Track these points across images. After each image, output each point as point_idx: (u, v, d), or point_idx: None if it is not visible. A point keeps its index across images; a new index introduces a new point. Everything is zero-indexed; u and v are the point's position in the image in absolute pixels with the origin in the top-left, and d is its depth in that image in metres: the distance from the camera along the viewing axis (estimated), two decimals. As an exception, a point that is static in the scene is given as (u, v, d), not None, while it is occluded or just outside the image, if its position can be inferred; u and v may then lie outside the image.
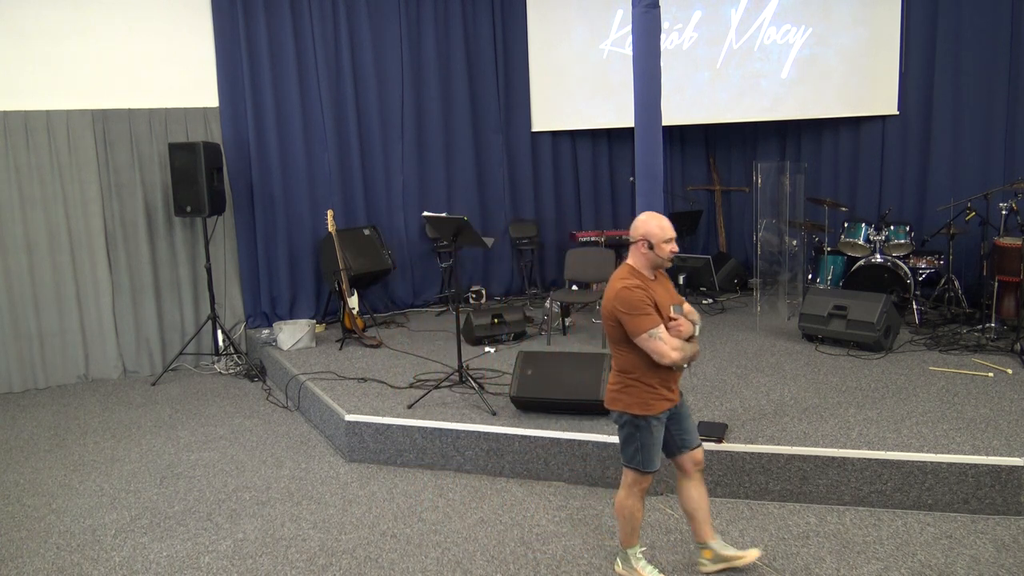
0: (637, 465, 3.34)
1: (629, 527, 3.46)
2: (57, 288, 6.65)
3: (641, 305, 3.16)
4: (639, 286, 3.20)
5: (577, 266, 6.91)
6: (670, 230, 3.25)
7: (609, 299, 3.25)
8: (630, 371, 3.29)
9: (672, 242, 3.25)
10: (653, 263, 3.28)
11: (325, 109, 7.42)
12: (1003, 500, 3.91)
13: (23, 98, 6.42)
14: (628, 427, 3.34)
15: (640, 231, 3.26)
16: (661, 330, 3.17)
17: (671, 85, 7.00)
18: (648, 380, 3.27)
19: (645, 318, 3.15)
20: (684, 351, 3.21)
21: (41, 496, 4.61)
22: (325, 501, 4.42)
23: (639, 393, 3.28)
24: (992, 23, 6.87)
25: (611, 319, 3.26)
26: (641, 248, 3.26)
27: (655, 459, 3.35)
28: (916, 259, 6.83)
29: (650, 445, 3.32)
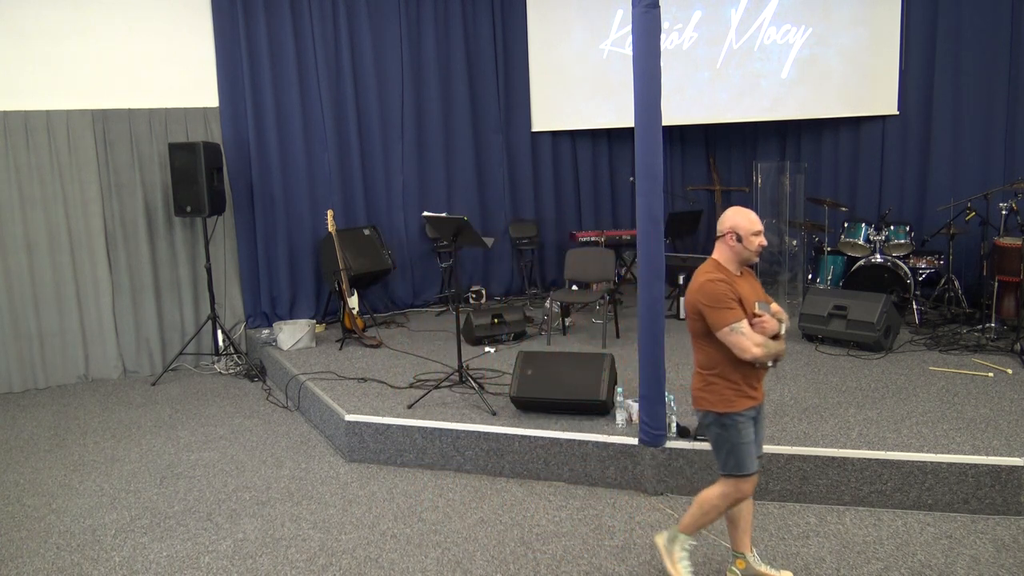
0: (732, 470, 3.19)
1: (699, 520, 3.31)
2: (57, 288, 6.65)
3: (724, 299, 3.08)
4: (723, 280, 3.13)
5: (577, 266, 6.91)
6: (758, 222, 3.19)
7: (693, 292, 3.17)
8: (712, 368, 3.20)
9: (760, 235, 3.18)
10: (741, 257, 3.19)
11: (325, 109, 7.42)
12: (1003, 500, 3.91)
13: (23, 98, 6.42)
14: (715, 427, 3.23)
15: (728, 224, 3.19)
16: (744, 324, 3.08)
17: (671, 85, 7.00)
18: (731, 376, 3.17)
19: (728, 312, 3.07)
20: (767, 348, 3.10)
21: (41, 496, 4.61)
22: (325, 501, 4.42)
23: (722, 390, 3.18)
24: (992, 23, 6.87)
25: (694, 313, 3.17)
26: (729, 241, 3.17)
27: (749, 460, 3.19)
28: (916, 259, 6.83)
29: (741, 445, 3.18)
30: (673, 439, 4.35)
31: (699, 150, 9.17)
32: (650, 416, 4.24)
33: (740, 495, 3.24)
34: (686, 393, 5.09)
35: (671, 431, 4.38)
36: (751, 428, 3.22)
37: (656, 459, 4.29)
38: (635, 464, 4.35)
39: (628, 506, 4.21)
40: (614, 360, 4.97)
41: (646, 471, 4.32)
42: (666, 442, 4.30)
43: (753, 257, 3.21)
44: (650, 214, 4.07)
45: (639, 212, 4.12)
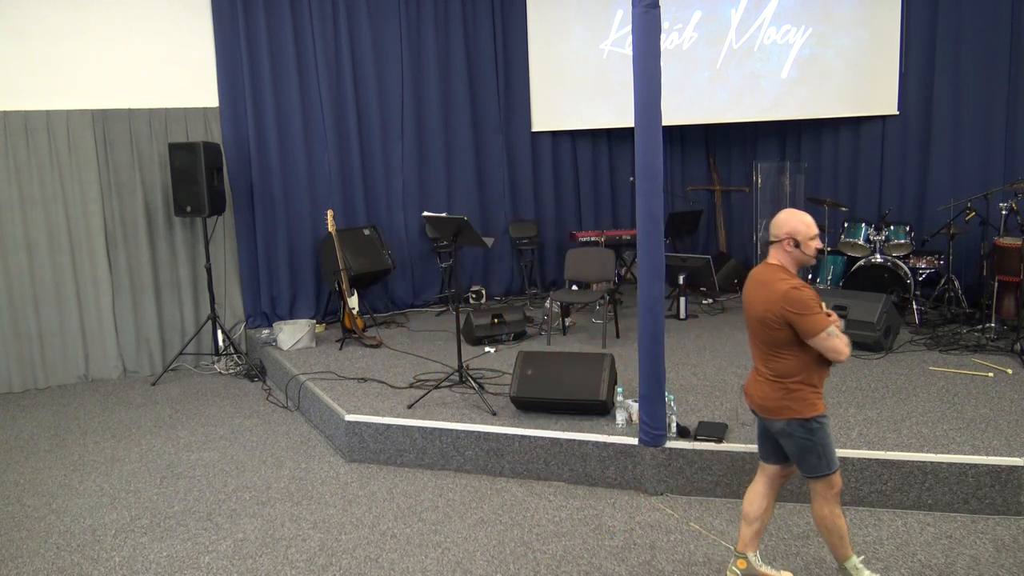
0: (824, 470, 3.17)
1: (836, 537, 3.26)
2: (57, 288, 6.65)
3: (813, 305, 3.05)
4: (805, 286, 3.11)
5: (577, 266, 6.91)
6: (814, 226, 3.17)
7: (774, 302, 3.08)
8: (793, 375, 3.14)
9: (817, 239, 3.16)
10: (799, 261, 3.16)
11: (325, 109, 7.42)
12: (1003, 500, 3.91)
13: (23, 98, 6.42)
14: (801, 433, 3.16)
15: (784, 229, 3.15)
16: (835, 328, 3.07)
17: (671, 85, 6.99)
18: (812, 381, 3.15)
19: (821, 317, 3.05)
20: (849, 351, 3.10)
21: (41, 496, 4.61)
22: (325, 501, 4.42)
23: (805, 395, 3.14)
24: (992, 23, 6.87)
25: (777, 322, 3.10)
26: (787, 246, 3.14)
27: (834, 459, 3.20)
28: (916, 259, 6.83)
29: (828, 444, 3.18)
30: (673, 439, 4.35)
31: (699, 150, 9.16)
32: (650, 416, 4.24)
33: (835, 490, 3.22)
34: (686, 393, 5.11)
35: (671, 431, 4.39)
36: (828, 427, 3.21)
37: (656, 459, 4.29)
38: (635, 464, 4.35)
39: (628, 506, 4.21)
40: (614, 360, 4.97)
41: (646, 471, 4.32)
42: (666, 442, 4.30)
43: (811, 261, 3.19)
44: (650, 214, 4.07)
45: (639, 212, 4.12)
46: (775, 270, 3.18)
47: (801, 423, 3.15)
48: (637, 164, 4.08)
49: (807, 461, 3.20)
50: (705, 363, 5.85)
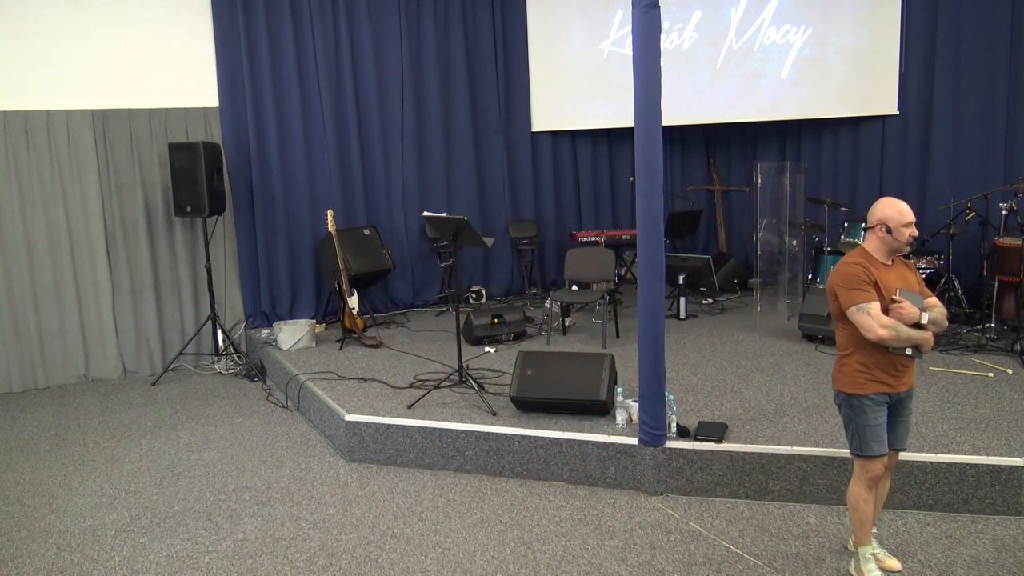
0: (857, 450, 3.31)
1: (858, 520, 3.39)
2: (57, 288, 6.65)
3: (857, 280, 3.20)
4: (860, 264, 3.25)
5: (577, 266, 6.91)
6: (908, 214, 3.26)
7: (832, 276, 3.31)
8: (845, 348, 3.31)
9: (911, 226, 3.25)
10: (891, 247, 3.28)
11: (325, 109, 7.42)
12: (1003, 500, 3.91)
13: (23, 98, 6.42)
14: (844, 407, 3.35)
15: (877, 215, 3.29)
16: (872, 306, 3.17)
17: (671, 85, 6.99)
18: (862, 359, 3.26)
19: (858, 292, 3.19)
20: (896, 332, 3.16)
21: (41, 496, 4.61)
22: (325, 501, 4.42)
23: (851, 372, 3.29)
24: (992, 23, 6.87)
25: (831, 294, 3.32)
26: (879, 232, 3.27)
27: (872, 443, 3.27)
28: (916, 259, 6.81)
29: (865, 427, 3.27)
30: (673, 439, 4.35)
31: (699, 150, 9.16)
32: (650, 416, 4.24)
33: (869, 475, 3.31)
34: (686, 393, 5.11)
35: (671, 431, 4.39)
36: (880, 412, 3.28)
37: (656, 459, 4.29)
38: (635, 464, 4.35)
39: (628, 506, 4.21)
40: (614, 360, 4.98)
41: (646, 471, 4.32)
42: (666, 442, 4.30)
43: (904, 248, 3.30)
44: (650, 214, 4.07)
45: (639, 212, 4.12)
46: (856, 251, 3.34)
47: (845, 397, 3.32)
48: (637, 164, 4.08)
49: (847, 434, 3.37)
50: (705, 363, 5.85)
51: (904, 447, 3.44)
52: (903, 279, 3.32)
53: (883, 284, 3.23)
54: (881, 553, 3.52)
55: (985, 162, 7.03)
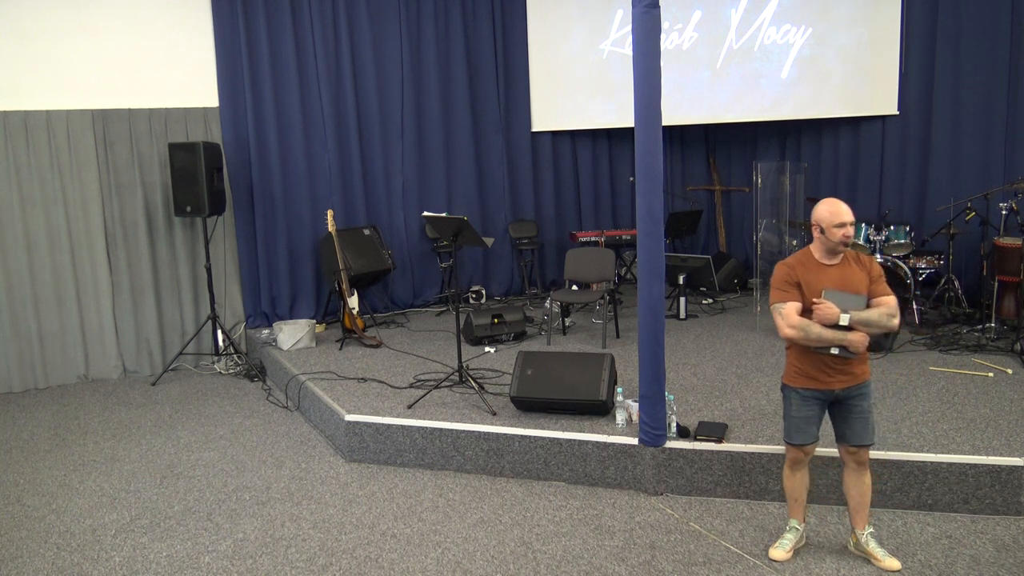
0: (783, 436, 3.55)
1: (789, 497, 3.66)
2: (57, 288, 6.65)
3: (779, 280, 3.40)
4: (788, 264, 3.42)
5: (577, 266, 6.91)
6: (841, 215, 3.32)
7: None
8: (787, 343, 3.48)
9: (845, 226, 3.31)
10: (827, 247, 3.37)
11: (325, 109, 7.42)
12: (1003, 500, 3.91)
13: (23, 98, 6.42)
14: (782, 395, 3.57)
15: (814, 216, 3.38)
16: (786, 306, 3.34)
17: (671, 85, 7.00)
18: (795, 354, 3.46)
19: (777, 292, 3.39)
20: (806, 333, 3.30)
21: (41, 496, 4.61)
22: (325, 501, 4.42)
23: (787, 364, 3.51)
24: (992, 23, 6.87)
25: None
26: (815, 232, 3.40)
27: (792, 432, 3.49)
28: (916, 259, 6.82)
29: (789, 417, 3.50)
30: (673, 439, 4.35)
31: (699, 150, 9.16)
32: (650, 416, 4.24)
33: (788, 459, 3.57)
34: (686, 393, 5.11)
35: (671, 431, 4.38)
36: (806, 406, 3.45)
37: (656, 459, 4.29)
38: (635, 464, 4.35)
39: (628, 506, 4.21)
40: (614, 360, 4.97)
41: (646, 471, 4.32)
42: (666, 442, 4.30)
43: (838, 248, 3.35)
44: (650, 214, 4.07)
45: (639, 212, 4.12)
46: (801, 252, 3.48)
47: (782, 386, 3.57)
48: (637, 164, 4.08)
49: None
50: (705, 363, 5.85)
51: (864, 443, 3.45)
52: (844, 279, 3.34)
53: (808, 285, 3.34)
54: (880, 553, 3.54)
55: (985, 162, 7.03)
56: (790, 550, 3.63)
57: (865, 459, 3.49)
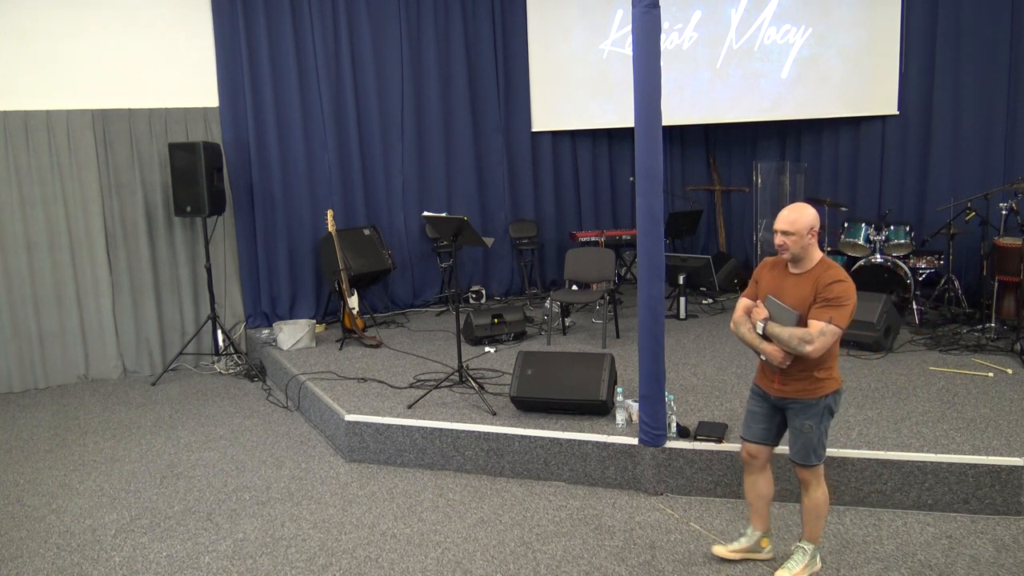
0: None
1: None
2: (57, 288, 6.65)
3: (750, 280, 3.50)
4: (765, 261, 3.47)
5: (577, 266, 6.91)
6: (777, 222, 3.28)
7: None
8: None
9: (777, 234, 3.26)
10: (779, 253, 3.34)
11: (325, 109, 7.42)
12: (1003, 500, 3.91)
13: (23, 98, 6.42)
14: None
15: None
16: (741, 300, 3.44)
17: (671, 85, 7.00)
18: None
19: (749, 284, 3.50)
20: (736, 328, 3.43)
21: (41, 496, 4.61)
22: (325, 501, 4.42)
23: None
24: (992, 23, 6.86)
25: None
26: None
27: (742, 424, 3.55)
28: (916, 259, 6.83)
29: (746, 410, 3.55)
30: (673, 439, 4.35)
31: (699, 150, 9.17)
32: (650, 416, 4.24)
33: (742, 458, 3.58)
34: (686, 393, 5.11)
35: (671, 431, 4.38)
36: (754, 402, 3.50)
37: (656, 459, 4.29)
38: (635, 464, 4.35)
39: (628, 506, 4.21)
40: (614, 360, 4.97)
41: (646, 471, 4.32)
42: (666, 442, 4.30)
43: (781, 254, 3.32)
44: (650, 214, 4.07)
45: (639, 212, 4.12)
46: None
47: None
48: (637, 164, 4.08)
49: None
50: (705, 363, 5.85)
51: (795, 460, 3.37)
52: (792, 290, 3.25)
53: (764, 285, 3.39)
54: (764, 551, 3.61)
55: (985, 162, 7.03)
56: (735, 551, 3.61)
57: (804, 477, 3.38)
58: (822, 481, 3.39)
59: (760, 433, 3.45)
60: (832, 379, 3.28)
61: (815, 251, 3.26)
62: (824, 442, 3.34)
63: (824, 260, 3.25)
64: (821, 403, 3.28)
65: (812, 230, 3.21)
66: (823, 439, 3.33)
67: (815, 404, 3.28)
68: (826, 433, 3.33)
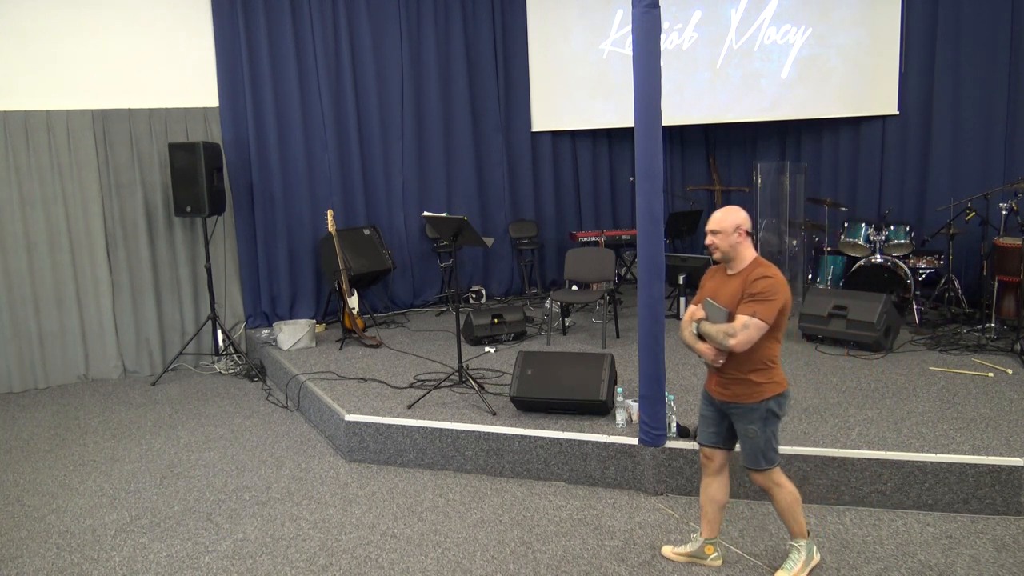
0: None
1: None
2: (57, 288, 6.65)
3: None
4: (705, 274, 3.53)
5: (577, 266, 6.91)
6: (709, 222, 3.34)
7: None
8: None
9: (708, 235, 3.35)
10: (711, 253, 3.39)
11: (325, 109, 7.42)
12: (1003, 500, 3.91)
13: (23, 98, 6.42)
14: None
15: None
16: (688, 308, 3.47)
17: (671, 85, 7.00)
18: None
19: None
20: (681, 334, 3.46)
21: (41, 496, 4.61)
22: (325, 501, 4.42)
23: None
24: (992, 23, 6.87)
25: None
26: None
27: (698, 429, 3.57)
28: (916, 259, 6.83)
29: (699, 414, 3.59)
30: (673, 439, 4.35)
31: (699, 150, 9.17)
32: (650, 416, 4.24)
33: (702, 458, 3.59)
34: (686, 393, 5.11)
35: (671, 431, 4.38)
36: (703, 403, 3.54)
37: (656, 459, 4.29)
38: (635, 464, 4.35)
39: (628, 506, 4.21)
40: (614, 360, 4.97)
41: (646, 471, 4.32)
42: (666, 442, 4.30)
43: (711, 252, 3.36)
44: (650, 214, 4.07)
45: (639, 212, 4.12)
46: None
47: None
48: (637, 164, 4.09)
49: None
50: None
51: (745, 465, 3.40)
52: (726, 291, 3.32)
53: (706, 290, 3.43)
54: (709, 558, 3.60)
55: (985, 162, 7.03)
56: (679, 553, 3.63)
57: (760, 483, 3.41)
58: (782, 481, 3.40)
59: (711, 437, 3.48)
60: (773, 383, 3.29)
61: (746, 251, 3.30)
62: (774, 445, 3.35)
63: (756, 260, 3.30)
64: (762, 407, 3.29)
65: (740, 229, 3.27)
66: (771, 442, 3.34)
67: (756, 408, 3.29)
68: (774, 436, 3.34)
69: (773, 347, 3.27)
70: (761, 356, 3.24)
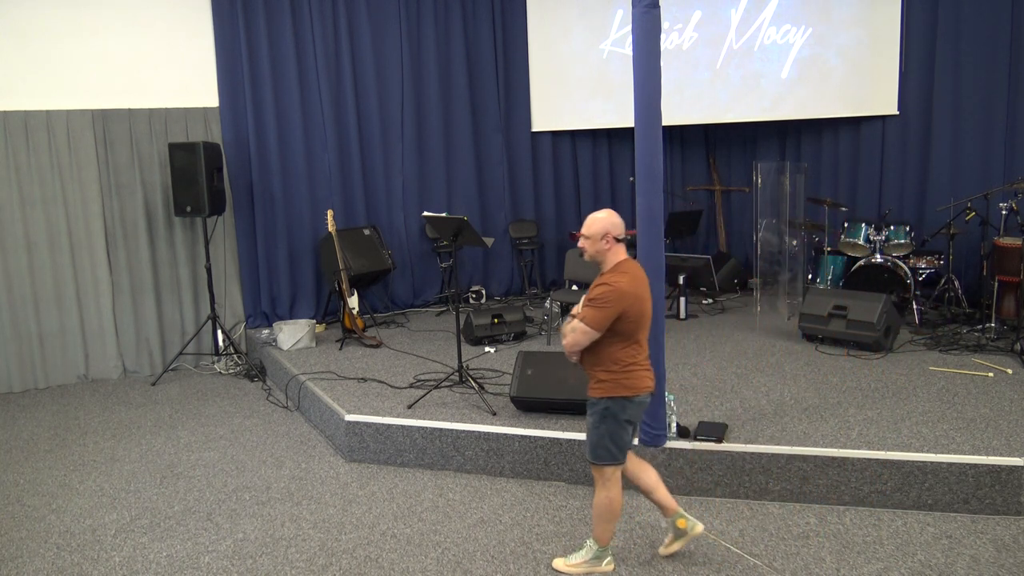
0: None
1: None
2: (57, 288, 6.65)
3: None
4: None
5: (577, 266, 6.91)
6: (583, 225, 3.42)
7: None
8: None
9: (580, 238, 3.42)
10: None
11: (325, 109, 7.42)
12: (1003, 500, 3.91)
13: (23, 98, 6.42)
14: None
15: None
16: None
17: (671, 85, 7.00)
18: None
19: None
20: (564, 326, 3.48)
21: (41, 496, 4.61)
22: (325, 501, 4.42)
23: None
24: (992, 23, 6.86)
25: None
26: None
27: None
28: (916, 259, 6.82)
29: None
30: (673, 439, 4.35)
31: (699, 150, 9.16)
32: (650, 416, 4.23)
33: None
34: (686, 393, 5.12)
35: (671, 431, 4.38)
36: None
37: (656, 459, 4.28)
38: (635, 464, 4.35)
39: (628, 506, 4.20)
40: (614, 360, 4.96)
41: (646, 471, 4.32)
42: (666, 442, 4.30)
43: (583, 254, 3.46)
44: (650, 214, 4.07)
45: (639, 212, 4.12)
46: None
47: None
48: (637, 164, 4.08)
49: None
50: (705, 363, 5.85)
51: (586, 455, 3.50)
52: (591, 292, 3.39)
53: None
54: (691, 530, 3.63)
55: (985, 162, 7.03)
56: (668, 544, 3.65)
57: (593, 474, 3.48)
58: (608, 485, 3.42)
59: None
60: (618, 384, 3.33)
61: (613, 256, 3.36)
62: (606, 444, 3.38)
63: (617, 265, 3.34)
64: (600, 403, 3.37)
65: (607, 236, 3.32)
66: (604, 442, 3.38)
67: (596, 403, 3.40)
68: (609, 438, 3.37)
69: (621, 350, 3.32)
70: (607, 357, 3.34)
